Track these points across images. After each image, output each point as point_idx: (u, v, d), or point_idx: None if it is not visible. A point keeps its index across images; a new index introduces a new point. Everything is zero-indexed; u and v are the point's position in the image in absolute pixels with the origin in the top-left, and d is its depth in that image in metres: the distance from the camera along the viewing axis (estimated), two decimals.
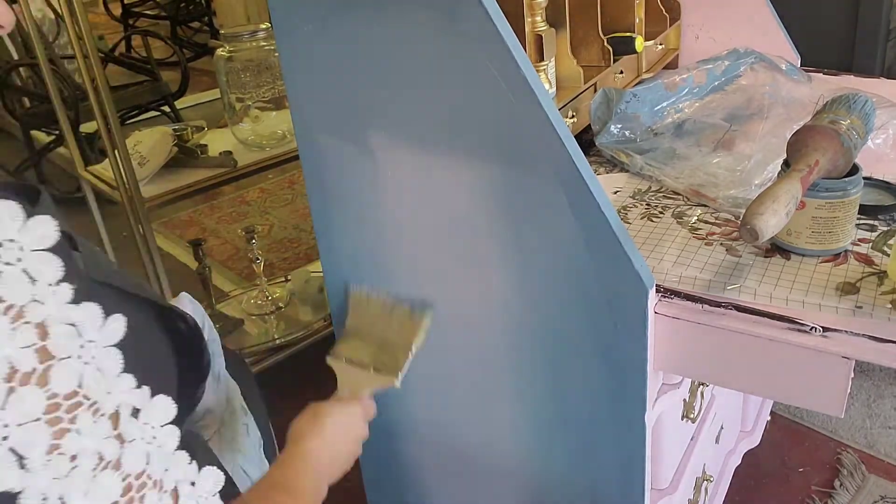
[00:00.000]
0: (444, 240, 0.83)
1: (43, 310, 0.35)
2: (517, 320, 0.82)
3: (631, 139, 1.09)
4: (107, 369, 0.38)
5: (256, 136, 1.67)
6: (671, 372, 0.84)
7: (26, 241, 0.35)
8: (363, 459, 1.13)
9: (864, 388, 1.70)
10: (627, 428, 0.79)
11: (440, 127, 0.76)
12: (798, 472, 1.50)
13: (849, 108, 0.81)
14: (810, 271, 0.77)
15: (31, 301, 0.35)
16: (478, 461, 0.98)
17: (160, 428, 0.41)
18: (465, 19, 0.68)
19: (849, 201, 0.77)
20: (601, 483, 0.86)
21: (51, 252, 0.36)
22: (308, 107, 0.87)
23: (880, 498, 1.43)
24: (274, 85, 1.63)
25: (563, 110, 1.02)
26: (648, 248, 0.84)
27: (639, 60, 1.25)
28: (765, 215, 0.69)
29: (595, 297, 0.74)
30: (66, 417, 0.35)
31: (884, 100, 1.04)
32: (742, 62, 1.22)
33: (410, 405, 1.01)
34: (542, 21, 0.96)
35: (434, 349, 0.92)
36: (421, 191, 0.82)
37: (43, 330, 0.35)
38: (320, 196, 0.92)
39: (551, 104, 0.68)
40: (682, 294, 0.75)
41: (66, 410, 0.35)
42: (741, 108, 1.11)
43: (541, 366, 0.83)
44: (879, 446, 1.55)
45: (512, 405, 0.89)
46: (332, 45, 0.80)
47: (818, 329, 0.68)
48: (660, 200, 0.97)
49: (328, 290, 1.00)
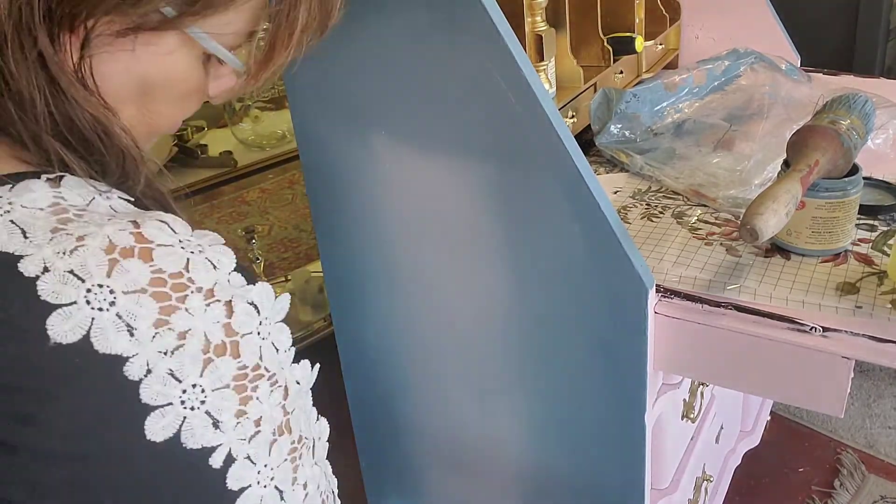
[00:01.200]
0: (444, 240, 0.83)
1: (227, 289, 0.39)
2: (517, 320, 0.82)
3: (631, 139, 1.09)
4: (279, 343, 0.42)
5: (256, 136, 1.67)
6: (671, 372, 0.84)
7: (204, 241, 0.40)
8: (363, 459, 1.13)
9: (864, 388, 1.70)
10: (627, 428, 0.79)
11: (440, 127, 0.76)
12: (798, 472, 1.50)
13: (849, 108, 0.81)
14: (810, 271, 0.77)
15: (216, 283, 0.39)
16: (478, 461, 0.98)
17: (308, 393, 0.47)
18: (465, 19, 0.68)
19: (849, 201, 0.77)
20: (601, 483, 0.86)
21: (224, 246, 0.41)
22: (308, 107, 0.87)
23: (880, 498, 1.43)
24: (274, 85, 1.63)
25: (563, 110, 1.02)
26: (648, 248, 0.84)
27: (639, 60, 1.25)
28: (765, 215, 0.69)
29: (595, 297, 0.74)
30: (249, 386, 0.40)
31: (884, 100, 1.04)
32: (742, 62, 1.22)
33: (410, 405, 1.01)
34: (542, 21, 0.96)
35: (434, 349, 0.92)
36: (421, 190, 0.82)
37: (229, 308, 0.39)
38: (320, 196, 0.92)
39: (551, 104, 0.68)
40: (682, 294, 0.75)
41: (251, 380, 0.39)
42: (741, 108, 1.11)
43: (540, 366, 0.83)
44: (879, 446, 1.55)
45: (511, 405, 0.89)
46: (332, 45, 0.80)
47: (818, 329, 0.68)
48: (660, 200, 0.97)
49: (328, 290, 1.00)
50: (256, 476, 0.39)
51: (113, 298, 0.35)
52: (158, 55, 0.42)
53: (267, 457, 0.40)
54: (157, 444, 0.36)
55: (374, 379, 1.02)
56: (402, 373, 0.98)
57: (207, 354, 0.37)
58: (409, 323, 0.93)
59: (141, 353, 0.35)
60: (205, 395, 0.37)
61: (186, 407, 0.36)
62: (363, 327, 0.98)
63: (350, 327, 1.01)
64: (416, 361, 0.96)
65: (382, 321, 0.96)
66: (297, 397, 0.44)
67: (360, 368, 1.03)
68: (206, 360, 0.37)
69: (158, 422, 0.36)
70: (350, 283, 0.96)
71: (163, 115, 0.46)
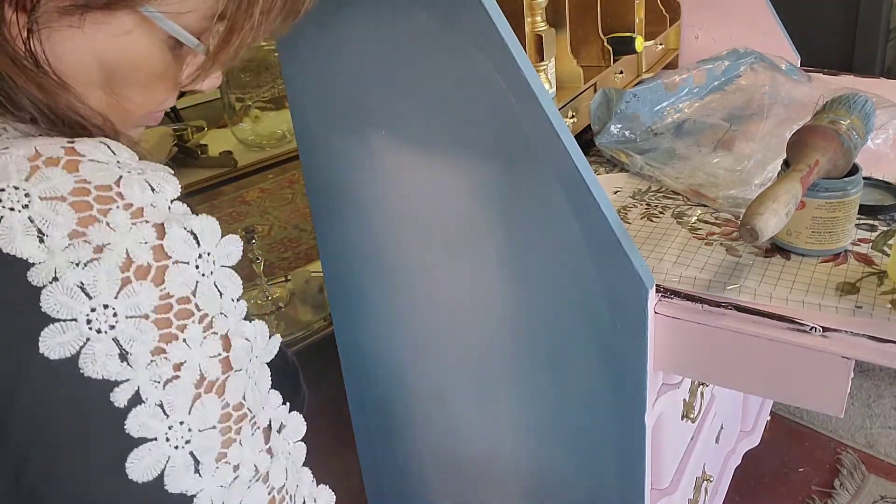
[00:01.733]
0: (444, 239, 0.83)
1: (226, 322, 0.37)
2: (517, 320, 0.82)
3: (631, 139, 1.09)
4: (261, 384, 0.40)
5: (256, 136, 1.67)
6: (671, 372, 0.84)
7: (219, 257, 0.37)
8: (364, 460, 1.13)
9: (864, 388, 1.70)
10: (627, 428, 0.79)
11: (440, 127, 0.76)
12: (798, 472, 1.50)
13: (849, 108, 0.81)
14: (810, 271, 0.77)
15: (219, 314, 0.36)
16: (478, 461, 0.98)
17: (293, 444, 0.43)
18: (465, 19, 0.68)
19: (849, 201, 0.77)
20: (601, 483, 0.86)
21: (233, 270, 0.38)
22: (308, 107, 0.87)
23: (880, 498, 1.43)
24: (274, 85, 1.63)
25: (563, 110, 1.02)
26: (648, 248, 0.84)
27: (639, 60, 1.25)
28: (765, 215, 0.69)
29: (595, 297, 0.74)
30: (234, 428, 0.37)
31: (884, 100, 1.04)
32: (742, 62, 1.22)
33: (410, 405, 1.01)
34: (542, 21, 0.96)
35: (434, 349, 0.92)
36: (421, 190, 0.82)
37: (227, 342, 0.37)
38: (320, 196, 0.93)
39: (551, 104, 0.68)
40: (682, 294, 0.75)
41: (235, 421, 0.37)
42: (741, 108, 1.11)
43: (540, 366, 0.83)
44: (879, 446, 1.55)
45: (511, 405, 0.89)
46: (332, 45, 0.80)
47: (818, 329, 0.68)
48: (660, 200, 0.97)
49: (328, 290, 1.00)
50: (166, 431, 0.34)
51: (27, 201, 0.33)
52: (114, 35, 0.41)
53: (185, 414, 0.35)
54: (49, 364, 0.32)
55: (374, 379, 1.02)
56: (402, 373, 0.98)
57: (126, 274, 0.34)
58: (408, 323, 0.93)
59: (48, 261, 0.32)
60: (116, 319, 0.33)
61: (92, 329, 0.33)
62: (363, 327, 0.98)
63: (350, 327, 1.01)
64: (416, 361, 0.96)
65: (382, 321, 0.96)
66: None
67: (360, 368, 1.03)
68: (123, 280, 0.33)
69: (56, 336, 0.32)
70: (350, 283, 0.96)
71: (132, 101, 0.44)
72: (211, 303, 0.36)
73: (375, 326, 0.97)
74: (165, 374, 0.34)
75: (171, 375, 0.34)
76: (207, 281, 0.36)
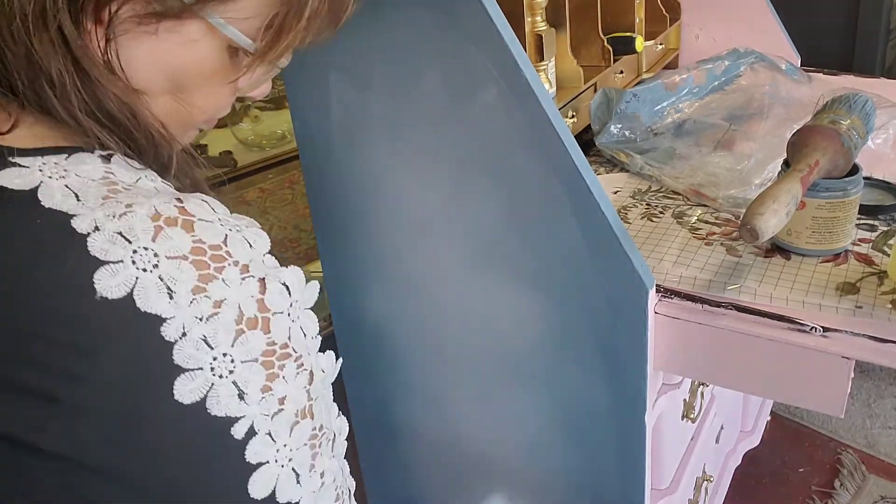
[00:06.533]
0: (444, 240, 0.83)
1: (261, 268, 0.41)
2: (516, 320, 0.82)
3: (631, 139, 1.09)
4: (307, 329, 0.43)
5: (256, 136, 1.67)
6: (671, 372, 0.84)
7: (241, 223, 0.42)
8: (364, 459, 1.13)
9: (864, 388, 1.70)
10: (627, 428, 0.79)
11: (439, 127, 0.76)
12: (798, 472, 1.50)
13: (849, 108, 0.81)
14: (810, 271, 0.77)
15: (251, 261, 0.40)
16: (478, 461, 0.98)
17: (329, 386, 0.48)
18: (465, 19, 0.68)
19: (849, 201, 0.77)
20: (601, 483, 0.86)
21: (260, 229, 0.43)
22: (308, 107, 0.87)
23: (880, 498, 1.43)
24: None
25: (563, 110, 1.02)
26: (648, 248, 0.84)
27: (639, 60, 1.25)
28: (765, 215, 0.69)
29: (595, 297, 0.74)
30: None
31: (884, 100, 1.04)
32: (742, 62, 1.22)
33: (410, 405, 1.01)
34: (542, 21, 0.96)
35: (433, 349, 0.92)
36: (420, 190, 0.82)
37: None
38: (320, 196, 0.92)
39: (551, 104, 0.68)
40: (682, 294, 0.75)
41: (278, 358, 0.40)
42: (741, 108, 1.11)
43: (540, 366, 0.83)
44: (879, 446, 1.55)
45: (511, 405, 0.89)
46: (332, 44, 0.80)
47: (818, 329, 0.68)
48: (660, 200, 0.97)
49: (328, 290, 1.00)
50: (275, 454, 0.40)
51: (156, 261, 0.37)
52: (183, 44, 0.43)
53: (287, 437, 0.41)
54: (183, 407, 0.37)
55: (374, 379, 1.02)
56: (401, 373, 0.98)
57: (240, 326, 0.39)
58: (408, 323, 0.93)
59: (178, 316, 0.37)
60: (234, 364, 0.38)
61: (216, 374, 0.38)
62: (363, 327, 0.98)
63: (350, 327, 1.01)
64: (416, 361, 0.96)
65: (382, 321, 0.96)
66: (321, 386, 0.45)
67: (360, 369, 1.03)
68: (238, 332, 0.39)
69: (187, 384, 0.37)
70: (350, 283, 0.96)
71: (197, 105, 0.48)
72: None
73: (375, 326, 0.97)
74: (273, 408, 0.40)
75: (278, 409, 0.40)
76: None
